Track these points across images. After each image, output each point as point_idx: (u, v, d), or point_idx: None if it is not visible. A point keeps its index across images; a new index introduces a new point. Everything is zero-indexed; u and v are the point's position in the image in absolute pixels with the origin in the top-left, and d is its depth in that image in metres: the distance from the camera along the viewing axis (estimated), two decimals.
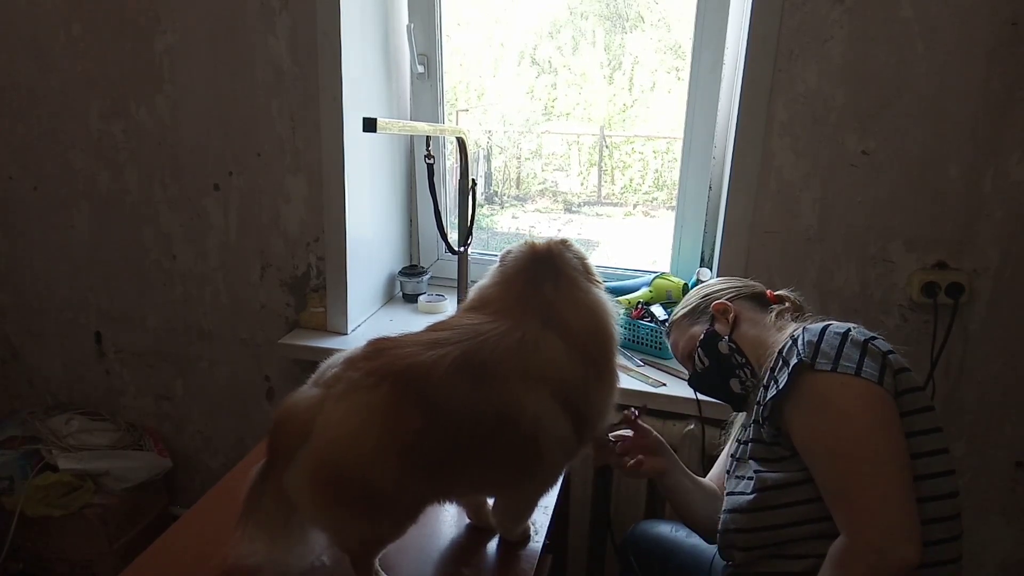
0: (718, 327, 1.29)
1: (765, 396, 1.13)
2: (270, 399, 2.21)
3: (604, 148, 2.56)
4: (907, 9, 1.53)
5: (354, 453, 0.97)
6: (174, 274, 2.17)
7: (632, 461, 1.34)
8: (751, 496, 1.14)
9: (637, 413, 1.38)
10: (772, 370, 1.14)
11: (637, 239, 2.47)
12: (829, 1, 1.56)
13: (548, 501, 1.36)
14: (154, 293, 2.20)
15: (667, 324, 1.45)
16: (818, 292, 1.74)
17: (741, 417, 1.35)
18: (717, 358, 1.28)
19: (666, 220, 2.32)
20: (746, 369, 1.25)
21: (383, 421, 0.98)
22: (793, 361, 1.08)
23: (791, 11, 1.59)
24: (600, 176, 2.64)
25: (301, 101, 1.91)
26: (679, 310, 1.40)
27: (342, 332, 2.02)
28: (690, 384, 1.39)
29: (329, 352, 1.10)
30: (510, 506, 1.22)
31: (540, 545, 1.25)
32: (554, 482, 1.22)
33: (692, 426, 1.72)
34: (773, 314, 1.27)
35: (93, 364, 2.34)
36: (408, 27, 2.08)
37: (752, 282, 1.38)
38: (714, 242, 1.94)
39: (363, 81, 1.92)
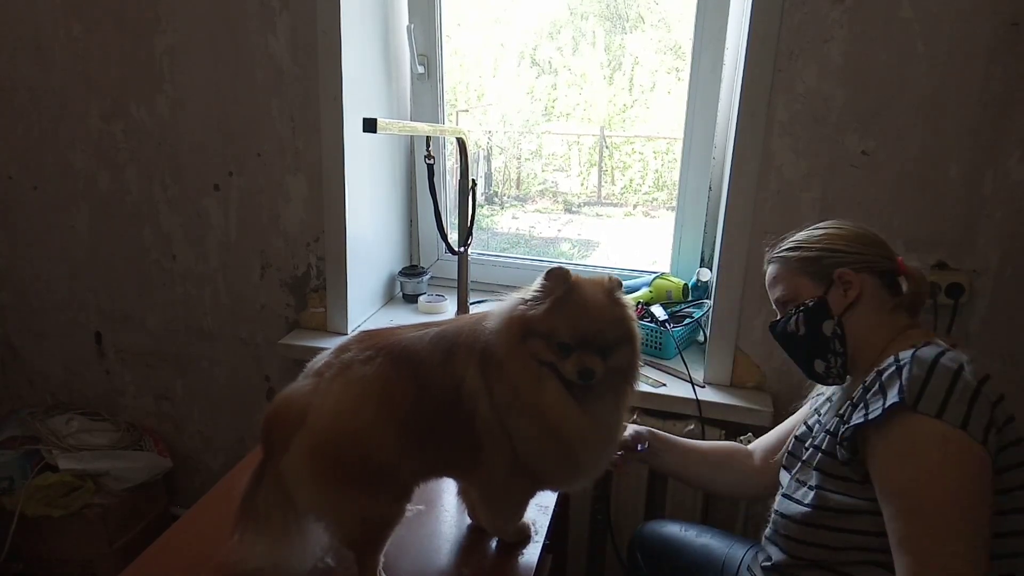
0: (832, 299, 1.14)
1: (851, 414, 1.04)
2: (270, 399, 2.20)
3: (604, 148, 2.56)
4: (907, 9, 1.53)
5: (353, 426, 1.00)
6: (174, 274, 2.17)
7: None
8: (807, 509, 1.09)
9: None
10: (865, 386, 1.04)
11: (637, 239, 2.47)
12: (829, 1, 1.56)
13: (548, 501, 1.37)
14: (154, 293, 2.20)
15: (772, 249, 1.25)
16: None
17: (827, 392, 1.25)
18: (815, 335, 1.14)
19: (666, 220, 2.32)
20: (840, 358, 1.14)
21: (380, 392, 1.02)
22: (893, 397, 0.98)
23: (791, 11, 1.58)
24: (600, 176, 2.63)
25: (301, 101, 1.91)
26: (794, 246, 1.21)
27: (342, 332, 2.02)
28: (771, 330, 1.23)
29: None
30: (481, 498, 1.22)
31: (540, 545, 1.25)
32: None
33: (692, 426, 1.72)
34: (892, 306, 1.15)
35: (93, 364, 2.34)
36: (408, 27, 2.08)
37: (882, 244, 1.18)
38: (714, 242, 1.94)
39: (363, 81, 1.92)
